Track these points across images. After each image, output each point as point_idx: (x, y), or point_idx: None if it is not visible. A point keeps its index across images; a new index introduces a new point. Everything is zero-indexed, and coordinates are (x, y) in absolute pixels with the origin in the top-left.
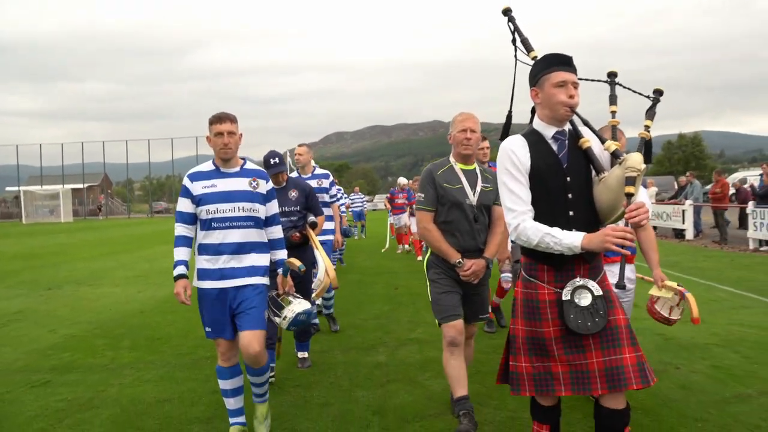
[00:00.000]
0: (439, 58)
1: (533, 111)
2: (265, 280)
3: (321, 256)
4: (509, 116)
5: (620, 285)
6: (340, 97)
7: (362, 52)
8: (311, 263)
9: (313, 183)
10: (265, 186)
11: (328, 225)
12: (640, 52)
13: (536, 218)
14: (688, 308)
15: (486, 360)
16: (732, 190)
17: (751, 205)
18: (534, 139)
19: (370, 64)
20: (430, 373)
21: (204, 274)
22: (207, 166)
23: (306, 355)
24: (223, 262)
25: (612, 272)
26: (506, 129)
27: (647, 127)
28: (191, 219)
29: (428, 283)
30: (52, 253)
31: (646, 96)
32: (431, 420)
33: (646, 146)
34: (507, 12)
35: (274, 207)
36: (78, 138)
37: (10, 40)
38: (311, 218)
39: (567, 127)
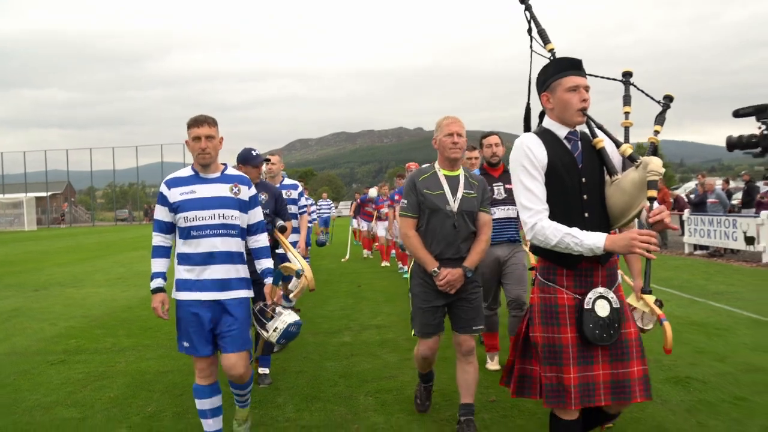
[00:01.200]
0: (405, 65)
1: (542, 115)
2: (248, 293)
3: (295, 257)
4: (528, 109)
5: (646, 290)
6: (304, 104)
7: (327, 59)
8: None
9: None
10: (247, 192)
11: (294, 237)
12: (602, 62)
13: (551, 219)
14: (663, 336)
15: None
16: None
17: (686, 213)
18: (548, 137)
19: (335, 71)
20: (387, 349)
21: (183, 285)
22: (185, 171)
23: (267, 371)
24: (203, 272)
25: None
26: (527, 122)
27: (657, 132)
28: (169, 228)
29: (410, 294)
30: (27, 260)
31: (657, 101)
32: (386, 381)
33: (654, 151)
34: (524, 1)
35: (258, 214)
36: (38, 145)
37: None
38: (280, 222)
39: (578, 127)
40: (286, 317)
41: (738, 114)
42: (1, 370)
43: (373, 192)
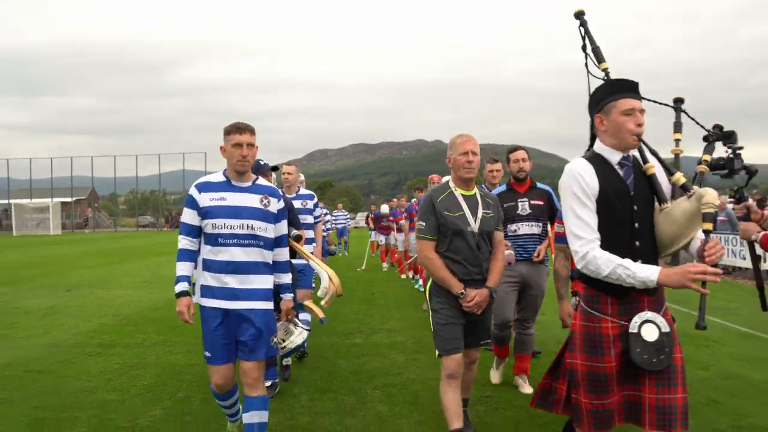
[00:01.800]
0: (426, 77)
1: (593, 136)
2: (270, 305)
3: (320, 265)
4: (593, 126)
5: (700, 326)
6: (324, 115)
7: (348, 70)
8: (295, 279)
9: (298, 203)
10: (276, 205)
11: (308, 248)
12: (623, 76)
13: (601, 247)
14: None
15: None
16: None
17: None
18: (599, 163)
19: (356, 82)
20: (396, 350)
21: (207, 292)
22: (217, 177)
23: (269, 383)
24: (228, 281)
25: None
26: (593, 138)
27: (705, 161)
28: (196, 232)
29: (430, 312)
30: (56, 263)
31: (706, 130)
32: (393, 377)
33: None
34: (579, 15)
35: (283, 227)
36: (62, 151)
37: None
38: (294, 232)
39: (631, 153)
40: (297, 338)
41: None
42: (46, 359)
43: (384, 208)
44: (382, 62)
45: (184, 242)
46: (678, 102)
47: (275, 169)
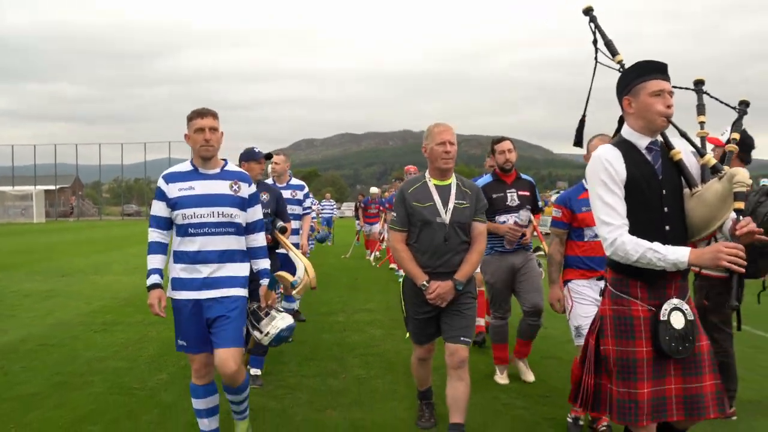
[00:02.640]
0: (412, 69)
1: (621, 121)
2: (244, 292)
3: (297, 256)
4: (582, 120)
5: (733, 306)
6: (310, 105)
7: (334, 60)
8: (277, 269)
9: (287, 193)
10: (247, 189)
11: (294, 239)
12: (609, 71)
13: (630, 233)
14: None
15: None
16: None
17: None
18: (627, 149)
19: (342, 72)
20: (375, 326)
21: (179, 284)
22: (184, 166)
23: (259, 372)
24: (200, 271)
25: (599, 286)
26: (579, 134)
27: (735, 140)
28: (166, 224)
29: (402, 303)
30: (45, 250)
31: (732, 107)
32: (371, 348)
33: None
34: (588, 12)
35: (257, 213)
36: (45, 138)
37: None
38: (280, 223)
39: (659, 137)
40: (279, 322)
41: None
42: (56, 335)
43: (374, 190)
44: (369, 53)
45: (155, 235)
46: (698, 84)
47: (269, 156)
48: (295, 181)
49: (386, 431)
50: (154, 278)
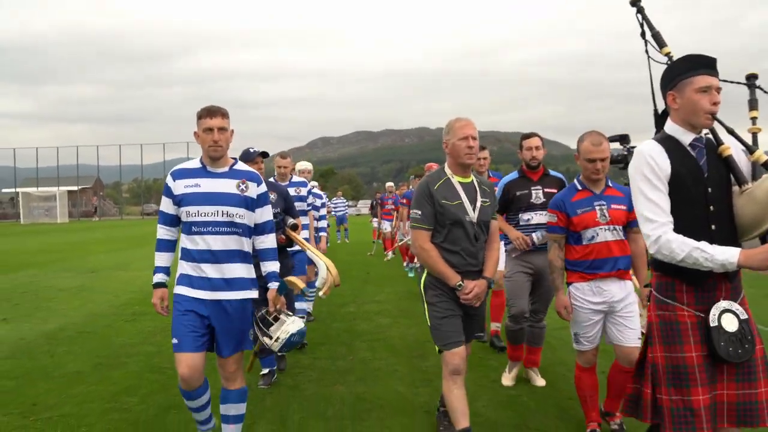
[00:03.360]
0: (427, 66)
1: (661, 115)
2: (250, 295)
3: (317, 255)
4: (656, 113)
5: None
6: (326, 103)
7: (349, 59)
8: (290, 268)
9: (291, 191)
10: (255, 189)
11: (303, 234)
12: (622, 65)
13: (675, 231)
14: None
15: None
16: None
17: None
18: (671, 145)
19: (358, 70)
20: (383, 316)
21: (183, 280)
22: (193, 163)
23: (266, 371)
24: (204, 271)
25: (600, 289)
26: (658, 125)
27: None
28: (174, 221)
29: (426, 306)
30: (71, 249)
31: None
32: (378, 334)
33: None
34: (635, 3)
35: (266, 213)
36: (65, 140)
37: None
38: (290, 221)
39: (704, 133)
40: (290, 326)
41: (611, 139)
42: (90, 324)
43: (389, 184)
44: (385, 51)
45: (162, 231)
46: (751, 78)
47: (265, 155)
48: (296, 178)
49: (386, 403)
50: (159, 277)
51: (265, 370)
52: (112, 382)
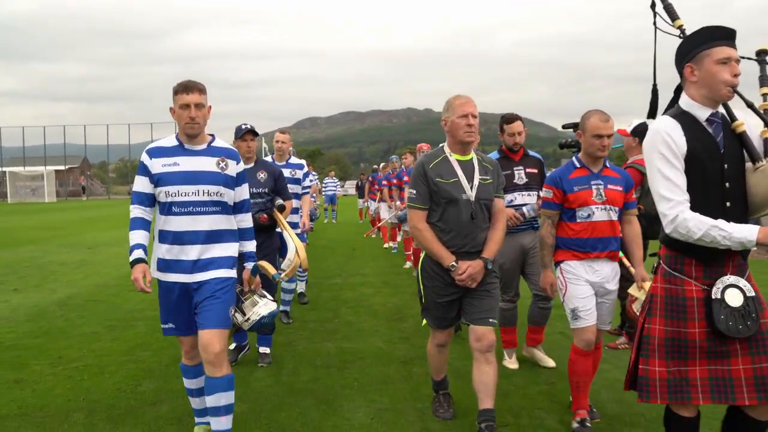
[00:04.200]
0: (415, 46)
1: (678, 90)
2: (232, 273)
3: (291, 237)
4: (655, 91)
5: None
6: (314, 83)
7: (338, 38)
8: (276, 248)
9: (287, 172)
10: (235, 167)
11: (295, 218)
12: (611, 48)
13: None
14: None
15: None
16: None
17: None
18: (687, 121)
19: (345, 50)
20: (366, 287)
21: (164, 265)
22: (169, 141)
23: (268, 350)
24: (186, 253)
25: (593, 269)
26: (654, 106)
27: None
28: (149, 200)
29: (421, 287)
30: (64, 227)
31: None
32: (361, 301)
33: None
34: None
35: (244, 192)
36: (51, 118)
37: None
38: (279, 201)
39: (720, 109)
40: (262, 309)
41: (564, 126)
42: (98, 293)
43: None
44: (373, 31)
45: (136, 211)
46: (761, 54)
47: (255, 134)
48: (294, 159)
49: (366, 355)
50: (137, 253)
51: (266, 349)
52: (125, 340)
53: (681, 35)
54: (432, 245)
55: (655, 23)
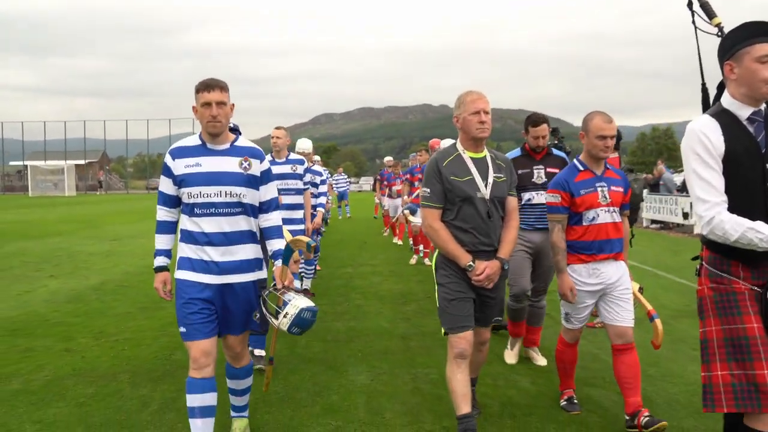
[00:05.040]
0: (431, 42)
1: (720, 87)
2: (257, 275)
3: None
4: (704, 89)
5: None
6: (330, 79)
7: (354, 35)
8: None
9: (287, 168)
10: (258, 166)
11: (297, 214)
12: (629, 43)
13: (729, 211)
14: (654, 332)
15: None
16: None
17: (644, 192)
18: (726, 120)
19: (362, 47)
20: (375, 275)
21: (185, 264)
22: (192, 140)
23: (264, 353)
24: (208, 254)
25: (597, 271)
26: (705, 103)
27: None
28: (174, 202)
29: (436, 286)
30: (87, 220)
31: None
32: (370, 288)
33: None
34: None
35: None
36: (71, 113)
37: (8, 13)
38: None
39: (763, 107)
40: (299, 301)
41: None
42: (128, 280)
43: (387, 158)
44: (389, 27)
45: (162, 213)
46: None
47: (234, 131)
48: (293, 155)
49: (371, 332)
50: (160, 260)
51: (261, 352)
52: (157, 319)
53: (719, 33)
54: (448, 244)
55: (693, 22)
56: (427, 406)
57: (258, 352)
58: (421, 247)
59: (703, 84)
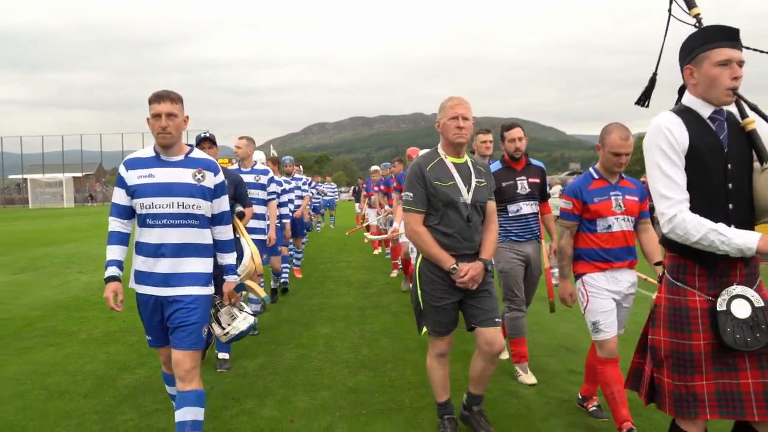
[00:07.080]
0: (423, 52)
1: (681, 91)
2: (207, 290)
3: (247, 242)
4: (653, 80)
5: None
6: (322, 89)
7: (345, 44)
8: (240, 256)
9: (251, 178)
10: (212, 179)
11: (260, 224)
12: (619, 51)
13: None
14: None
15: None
16: None
17: None
18: (690, 118)
19: (353, 57)
20: (350, 269)
21: (140, 278)
22: (147, 152)
23: (227, 356)
24: (160, 265)
25: (615, 279)
26: (648, 93)
27: None
28: (127, 213)
29: (419, 292)
30: (91, 229)
31: None
32: (344, 279)
33: None
34: None
35: (223, 204)
36: (66, 126)
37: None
38: (238, 208)
39: (725, 106)
40: (241, 323)
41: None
42: None
43: (374, 168)
44: (380, 36)
45: (115, 224)
46: None
47: (213, 142)
48: (260, 165)
49: (338, 306)
50: (111, 270)
51: (225, 356)
52: None
53: (697, 24)
54: (431, 249)
55: (669, 10)
56: (366, 344)
57: (222, 355)
58: (400, 265)
59: (654, 75)
